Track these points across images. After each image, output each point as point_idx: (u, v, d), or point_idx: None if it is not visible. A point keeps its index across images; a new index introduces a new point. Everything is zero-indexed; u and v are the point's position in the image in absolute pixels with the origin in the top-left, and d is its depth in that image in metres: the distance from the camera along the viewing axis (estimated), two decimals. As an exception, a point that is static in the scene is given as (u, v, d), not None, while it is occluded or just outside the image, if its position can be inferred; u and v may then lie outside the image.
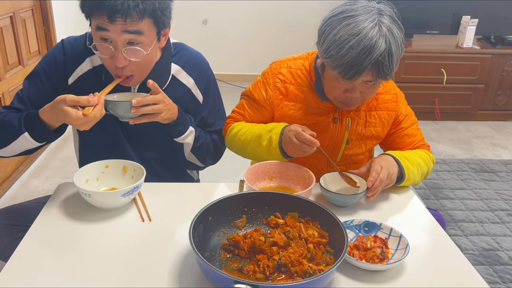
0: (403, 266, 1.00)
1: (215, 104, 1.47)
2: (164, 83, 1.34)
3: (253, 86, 1.44)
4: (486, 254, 2.15)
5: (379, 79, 1.19)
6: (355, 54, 1.13)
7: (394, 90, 1.42)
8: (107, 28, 1.15)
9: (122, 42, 1.17)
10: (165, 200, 1.22)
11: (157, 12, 1.18)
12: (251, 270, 0.94)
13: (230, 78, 4.47)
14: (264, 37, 4.41)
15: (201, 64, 1.43)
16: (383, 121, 1.39)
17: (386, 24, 1.15)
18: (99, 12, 1.13)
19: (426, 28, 3.75)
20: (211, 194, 1.28)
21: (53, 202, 1.20)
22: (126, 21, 1.14)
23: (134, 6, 1.12)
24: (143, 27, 1.17)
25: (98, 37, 1.18)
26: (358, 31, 1.13)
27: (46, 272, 0.95)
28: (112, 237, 1.08)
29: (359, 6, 1.18)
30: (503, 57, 3.65)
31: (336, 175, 1.26)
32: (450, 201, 2.61)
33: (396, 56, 1.17)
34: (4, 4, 2.47)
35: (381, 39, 1.13)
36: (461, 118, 3.84)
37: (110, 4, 1.11)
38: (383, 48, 1.13)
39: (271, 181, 1.31)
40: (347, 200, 1.20)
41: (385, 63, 1.14)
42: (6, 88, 2.53)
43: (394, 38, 1.15)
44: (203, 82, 1.42)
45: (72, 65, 1.31)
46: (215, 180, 1.41)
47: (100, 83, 1.27)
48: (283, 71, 1.38)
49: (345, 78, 1.18)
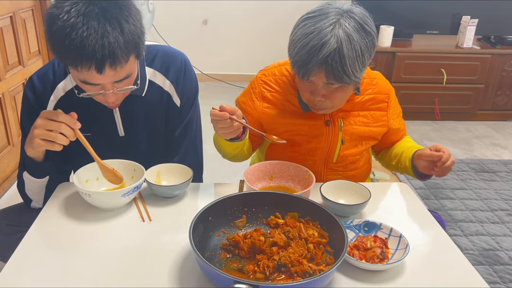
0: (403, 266, 1.00)
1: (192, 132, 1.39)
2: (143, 89, 1.29)
3: (242, 94, 1.45)
4: (486, 254, 2.15)
5: (336, 82, 1.16)
6: (304, 53, 1.13)
7: (386, 89, 1.41)
8: (95, 83, 1.08)
9: (111, 85, 1.12)
10: (165, 200, 1.22)
11: (140, 46, 1.10)
12: (251, 270, 0.94)
13: (230, 78, 4.47)
14: (264, 37, 4.41)
15: (174, 61, 1.34)
16: (378, 120, 1.39)
17: (345, 26, 1.12)
18: (86, 65, 1.02)
19: (426, 28, 3.75)
20: (211, 194, 1.28)
21: (53, 202, 1.20)
22: (116, 69, 1.05)
23: (120, 48, 1.03)
24: (129, 67, 1.10)
25: (84, 85, 1.11)
26: (311, 31, 1.13)
27: (46, 272, 0.95)
28: (112, 237, 1.08)
29: (329, 7, 1.17)
30: (503, 57, 3.65)
31: (338, 183, 1.24)
32: (450, 201, 2.61)
33: (350, 59, 1.12)
34: (4, 4, 2.47)
35: (332, 39, 1.10)
36: (461, 118, 3.84)
37: (97, 54, 1.00)
38: (333, 48, 1.10)
39: (271, 181, 1.31)
40: (348, 210, 1.16)
41: (334, 64, 1.11)
42: (6, 88, 2.53)
43: (349, 40, 1.11)
44: (180, 83, 1.34)
45: (45, 97, 1.27)
46: (215, 180, 1.41)
47: (79, 102, 1.23)
48: (268, 79, 1.38)
49: (299, 78, 1.19)
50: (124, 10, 1.04)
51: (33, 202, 1.31)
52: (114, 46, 1.01)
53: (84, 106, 1.26)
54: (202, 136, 1.45)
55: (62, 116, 1.10)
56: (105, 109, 1.27)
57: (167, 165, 1.28)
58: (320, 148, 1.36)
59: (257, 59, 4.33)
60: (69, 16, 0.99)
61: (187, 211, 1.17)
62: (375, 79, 1.40)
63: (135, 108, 1.30)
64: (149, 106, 1.32)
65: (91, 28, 0.99)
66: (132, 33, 1.05)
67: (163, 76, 1.32)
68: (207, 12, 4.31)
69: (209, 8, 4.29)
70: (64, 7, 1.00)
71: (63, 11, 1.00)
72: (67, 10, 0.99)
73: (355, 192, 1.22)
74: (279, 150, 1.41)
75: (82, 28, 0.99)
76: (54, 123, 1.08)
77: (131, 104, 1.29)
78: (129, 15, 1.05)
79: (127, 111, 1.30)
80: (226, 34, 4.41)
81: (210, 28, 4.39)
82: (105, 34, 1.00)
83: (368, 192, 1.18)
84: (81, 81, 1.10)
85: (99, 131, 1.30)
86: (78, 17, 0.99)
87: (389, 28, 3.53)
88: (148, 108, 1.32)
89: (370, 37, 1.16)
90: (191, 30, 4.36)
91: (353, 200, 1.20)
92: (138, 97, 1.28)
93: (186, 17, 4.27)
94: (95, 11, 1.00)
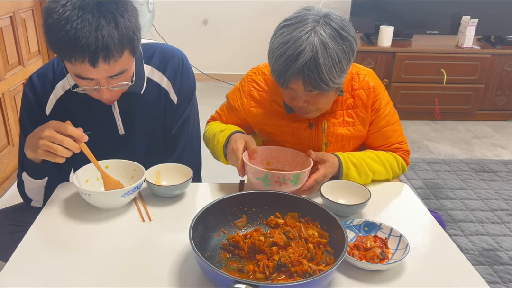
0: (403, 266, 1.00)
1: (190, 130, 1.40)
2: (141, 87, 1.29)
3: (232, 91, 1.45)
4: (486, 254, 2.15)
5: (314, 90, 1.15)
6: (281, 62, 1.13)
7: (373, 83, 1.35)
8: (89, 77, 1.09)
9: (106, 81, 1.12)
10: (165, 200, 1.22)
11: (134, 41, 1.10)
12: (251, 270, 0.94)
13: (230, 78, 4.47)
14: (264, 37, 4.38)
15: (171, 58, 1.34)
16: (363, 118, 1.35)
17: (320, 34, 1.11)
18: (80, 58, 1.03)
19: (426, 28, 3.75)
20: (211, 194, 1.28)
21: (53, 202, 1.20)
22: (109, 63, 1.05)
23: (113, 42, 1.03)
24: (123, 62, 1.10)
25: (78, 80, 1.12)
26: (287, 40, 1.12)
27: (46, 272, 0.95)
28: (112, 237, 1.08)
29: (307, 13, 1.16)
30: (503, 57, 3.64)
31: (338, 183, 1.23)
32: (450, 201, 2.61)
33: (326, 67, 1.11)
34: (4, 4, 2.47)
35: (307, 47, 1.10)
36: (461, 118, 3.84)
37: (90, 46, 1.01)
38: (308, 57, 1.10)
39: (268, 166, 1.32)
40: (348, 210, 1.16)
41: (311, 74, 1.11)
42: (6, 88, 2.53)
43: (325, 48, 1.10)
44: (177, 81, 1.34)
45: (45, 96, 1.28)
46: (215, 180, 1.41)
47: (78, 100, 1.25)
48: (258, 78, 1.39)
49: (279, 86, 1.20)
50: (120, 5, 1.05)
51: (33, 201, 1.31)
52: (108, 40, 1.02)
53: (84, 105, 1.26)
54: (200, 135, 1.46)
55: (70, 129, 1.10)
56: (104, 108, 1.27)
57: (167, 165, 1.28)
58: (304, 150, 1.34)
59: (257, 59, 4.31)
60: (65, 9, 1.00)
61: (187, 211, 1.17)
62: (364, 75, 1.35)
63: (134, 106, 1.31)
64: (147, 103, 1.32)
65: (85, 21, 1.00)
66: (126, 28, 1.05)
67: (161, 73, 1.32)
68: (207, 12, 4.31)
69: (209, 8, 4.28)
70: (61, 0, 1.01)
71: (59, 4, 1.01)
72: (63, 3, 1.01)
73: (355, 192, 1.22)
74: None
75: (76, 21, 0.99)
76: (58, 137, 1.09)
77: (130, 102, 1.29)
78: (125, 11, 1.06)
79: (126, 109, 1.30)
80: (226, 34, 4.41)
81: (210, 28, 4.39)
82: (99, 27, 1.01)
83: (368, 192, 1.18)
84: (76, 76, 1.10)
85: (99, 129, 1.30)
86: (74, 10, 1.00)
87: (389, 28, 3.53)
88: (146, 105, 1.32)
89: (347, 43, 1.14)
90: (191, 30, 4.36)
91: (353, 200, 1.20)
92: (137, 95, 1.28)
93: (186, 17, 4.27)
94: (90, 4, 1.01)
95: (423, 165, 3.03)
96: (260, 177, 1.16)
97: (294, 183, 1.16)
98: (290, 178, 1.15)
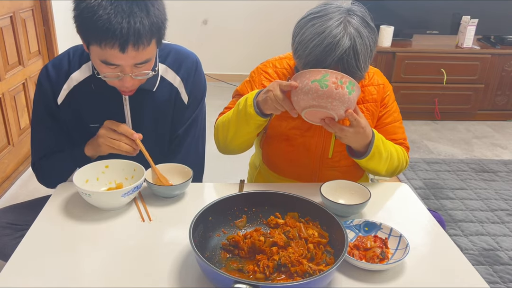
0: (403, 266, 1.00)
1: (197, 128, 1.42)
2: (154, 84, 1.30)
3: (241, 85, 1.45)
4: (486, 254, 2.15)
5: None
6: (318, 52, 1.14)
7: (381, 80, 1.41)
8: (116, 63, 1.10)
9: (130, 69, 1.14)
10: (165, 200, 1.22)
11: (162, 31, 1.14)
12: (251, 270, 0.94)
13: (230, 78, 4.47)
14: (264, 37, 4.41)
15: (186, 59, 1.37)
16: (372, 113, 1.38)
17: (353, 23, 1.15)
18: (110, 43, 1.05)
19: (426, 28, 3.75)
20: (211, 194, 1.28)
21: (53, 202, 1.20)
22: (138, 50, 1.08)
23: (144, 29, 1.07)
24: (150, 51, 1.13)
25: (103, 66, 1.13)
26: (322, 30, 1.14)
27: (46, 272, 0.95)
28: (112, 237, 1.08)
29: (329, 7, 1.19)
30: (503, 57, 3.65)
31: (338, 183, 1.23)
32: (450, 201, 2.61)
33: (363, 55, 1.15)
34: (4, 4, 2.47)
35: (345, 36, 1.13)
36: (461, 118, 3.84)
37: (122, 31, 1.04)
38: (347, 45, 1.12)
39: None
40: (348, 210, 1.16)
41: (350, 61, 1.13)
42: (6, 88, 2.53)
43: (360, 37, 1.14)
44: (189, 81, 1.37)
45: (58, 85, 1.29)
46: (215, 180, 1.41)
47: (91, 93, 1.27)
48: (269, 70, 1.40)
49: None
50: None
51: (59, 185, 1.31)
52: (139, 27, 1.05)
53: (95, 97, 1.28)
54: (205, 138, 1.46)
55: (122, 127, 1.21)
56: (115, 102, 1.29)
57: (167, 165, 1.28)
58: (314, 142, 1.36)
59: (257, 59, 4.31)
60: None
61: (187, 211, 1.17)
62: (373, 73, 1.40)
63: (145, 102, 1.32)
64: (158, 101, 1.33)
65: (119, 6, 1.04)
66: (156, 17, 1.10)
67: (174, 73, 1.35)
68: (207, 12, 4.31)
69: (209, 8, 4.29)
70: None
71: None
72: None
73: (355, 192, 1.22)
74: (275, 145, 1.41)
75: (110, 6, 1.04)
76: (115, 134, 1.21)
77: (141, 98, 1.30)
78: (155, 0, 1.10)
79: (136, 105, 1.31)
80: (226, 34, 4.41)
81: (210, 28, 4.39)
82: (131, 13, 1.05)
83: (368, 192, 1.18)
84: (101, 61, 1.12)
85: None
86: None
87: (389, 28, 3.53)
88: (157, 103, 1.33)
89: (374, 33, 1.19)
90: (191, 30, 4.36)
91: (353, 200, 1.20)
92: (148, 91, 1.30)
93: (186, 17, 4.27)
94: None
95: (423, 165, 3.03)
96: (316, 78, 1.11)
97: (348, 91, 1.11)
98: (347, 82, 1.11)
